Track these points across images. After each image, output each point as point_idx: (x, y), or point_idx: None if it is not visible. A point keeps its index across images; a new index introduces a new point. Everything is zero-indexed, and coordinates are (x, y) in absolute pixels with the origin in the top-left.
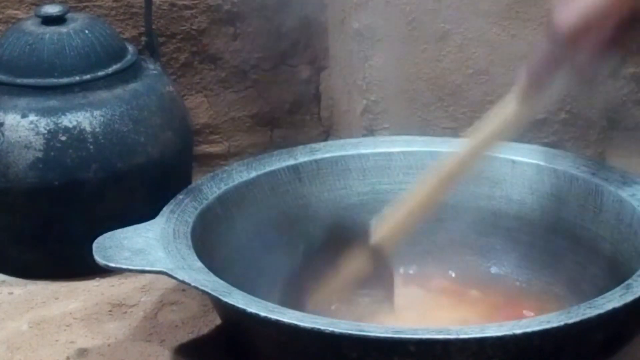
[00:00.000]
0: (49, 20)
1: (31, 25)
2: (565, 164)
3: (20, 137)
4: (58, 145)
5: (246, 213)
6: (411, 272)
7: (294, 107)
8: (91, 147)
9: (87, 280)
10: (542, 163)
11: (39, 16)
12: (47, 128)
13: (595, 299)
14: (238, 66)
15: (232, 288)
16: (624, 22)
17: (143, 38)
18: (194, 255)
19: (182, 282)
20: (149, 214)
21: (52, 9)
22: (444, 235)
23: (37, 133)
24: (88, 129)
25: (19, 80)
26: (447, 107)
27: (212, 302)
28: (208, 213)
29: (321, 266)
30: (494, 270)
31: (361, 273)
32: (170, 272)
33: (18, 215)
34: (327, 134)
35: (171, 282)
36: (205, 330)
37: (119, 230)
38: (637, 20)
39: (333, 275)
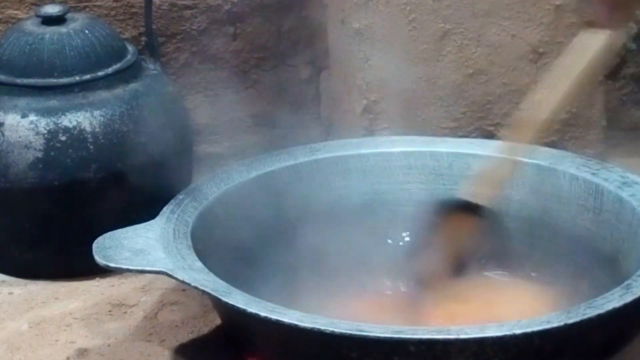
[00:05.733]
0: (49, 20)
1: (31, 25)
2: (565, 164)
3: (20, 137)
4: (58, 145)
5: (246, 213)
6: (411, 272)
7: (294, 107)
8: (91, 147)
9: (87, 280)
10: (542, 163)
11: (39, 16)
12: (47, 128)
13: (595, 299)
14: (238, 66)
15: (232, 288)
16: None
17: (143, 38)
18: (194, 255)
19: (182, 282)
20: (149, 214)
21: (52, 9)
22: None
23: (37, 133)
24: (88, 129)
25: (19, 80)
26: (447, 107)
27: (212, 302)
28: (208, 213)
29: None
30: (494, 270)
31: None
32: (170, 272)
33: (18, 215)
34: (327, 134)
35: (171, 282)
36: (205, 330)
37: (119, 230)
38: None
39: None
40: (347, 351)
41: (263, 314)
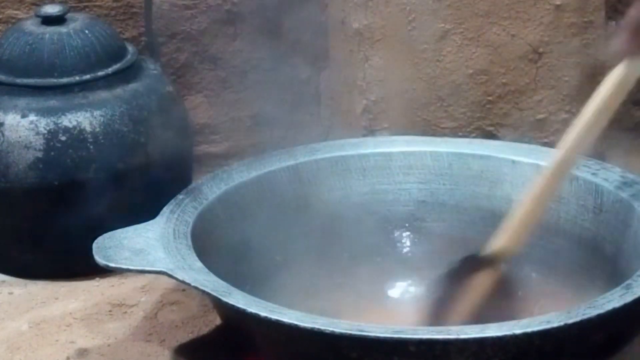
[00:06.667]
0: (49, 20)
1: (31, 25)
2: None
3: (20, 137)
4: (58, 145)
5: (246, 213)
6: (411, 272)
7: (294, 107)
8: (91, 147)
9: (87, 280)
10: (542, 163)
11: (39, 16)
12: (47, 128)
13: (595, 299)
14: (238, 66)
15: (232, 288)
16: None
17: (143, 38)
18: (194, 255)
19: (182, 282)
20: (149, 214)
21: (52, 9)
22: (444, 235)
23: (37, 133)
24: (88, 129)
25: (19, 80)
26: (447, 107)
27: (212, 302)
28: (208, 213)
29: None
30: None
31: (486, 289)
32: (170, 272)
33: (18, 215)
34: (327, 134)
35: (171, 282)
36: (205, 330)
37: (119, 230)
38: None
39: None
40: (347, 351)
41: (263, 314)
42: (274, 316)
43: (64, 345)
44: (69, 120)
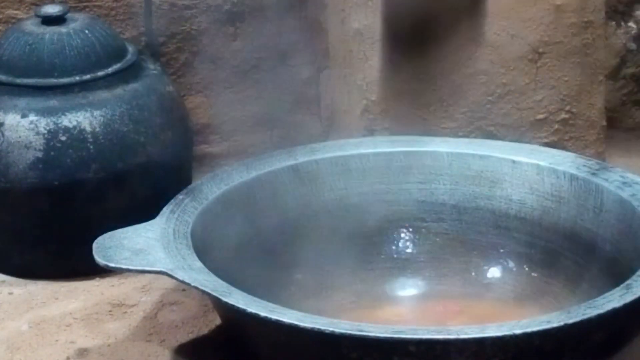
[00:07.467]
0: (49, 20)
1: (31, 25)
2: (565, 164)
3: (20, 137)
4: (58, 145)
5: (246, 213)
6: (411, 272)
7: (294, 107)
8: (91, 147)
9: (87, 280)
10: (542, 163)
11: (39, 16)
12: (47, 128)
13: (595, 299)
14: (238, 66)
15: (232, 288)
16: None
17: (143, 38)
18: (194, 255)
19: (182, 282)
20: (149, 214)
21: (52, 9)
22: (444, 235)
23: (37, 133)
24: (88, 129)
25: (19, 80)
26: (447, 107)
27: (212, 302)
28: (208, 213)
29: None
30: (494, 270)
31: None
32: (170, 272)
33: (18, 215)
34: (327, 134)
35: (171, 282)
36: (205, 330)
37: (119, 230)
38: None
39: None
40: (347, 351)
41: (263, 314)
42: (274, 316)
43: (64, 345)
44: (69, 120)
